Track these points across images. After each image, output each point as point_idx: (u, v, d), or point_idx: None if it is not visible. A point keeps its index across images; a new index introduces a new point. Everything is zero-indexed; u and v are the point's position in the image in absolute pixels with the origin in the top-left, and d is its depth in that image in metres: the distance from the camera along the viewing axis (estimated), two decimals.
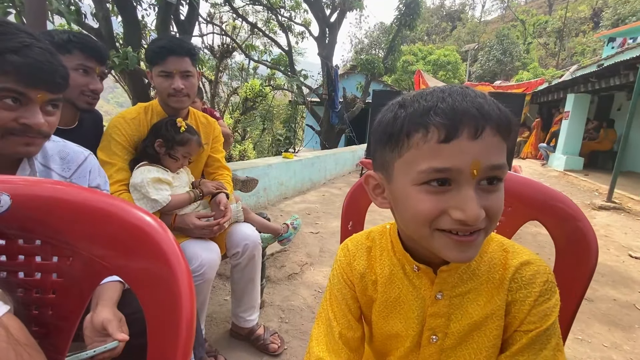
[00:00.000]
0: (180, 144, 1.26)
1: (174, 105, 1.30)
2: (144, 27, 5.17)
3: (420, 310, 0.53)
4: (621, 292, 2.23)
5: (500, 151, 0.42)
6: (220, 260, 1.26)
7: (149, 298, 0.34)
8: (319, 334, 0.58)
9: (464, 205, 0.40)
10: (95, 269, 0.36)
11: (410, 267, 0.54)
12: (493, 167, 0.41)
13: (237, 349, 1.47)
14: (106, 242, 0.36)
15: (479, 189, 0.42)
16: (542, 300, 0.47)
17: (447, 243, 0.43)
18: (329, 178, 5.90)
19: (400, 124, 0.43)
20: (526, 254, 0.51)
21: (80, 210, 0.36)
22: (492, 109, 0.41)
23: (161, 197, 1.20)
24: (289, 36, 8.66)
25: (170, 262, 0.34)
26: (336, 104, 8.10)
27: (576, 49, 23.22)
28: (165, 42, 1.24)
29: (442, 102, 0.41)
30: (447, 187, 0.42)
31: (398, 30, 9.30)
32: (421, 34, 31.52)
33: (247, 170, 3.44)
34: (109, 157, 1.22)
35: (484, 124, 0.40)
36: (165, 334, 0.32)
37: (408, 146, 0.43)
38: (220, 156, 1.57)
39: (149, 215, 0.37)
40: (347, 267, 0.59)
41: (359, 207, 0.87)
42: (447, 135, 0.40)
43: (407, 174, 0.44)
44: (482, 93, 0.42)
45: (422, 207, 0.43)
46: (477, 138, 0.40)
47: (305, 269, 2.30)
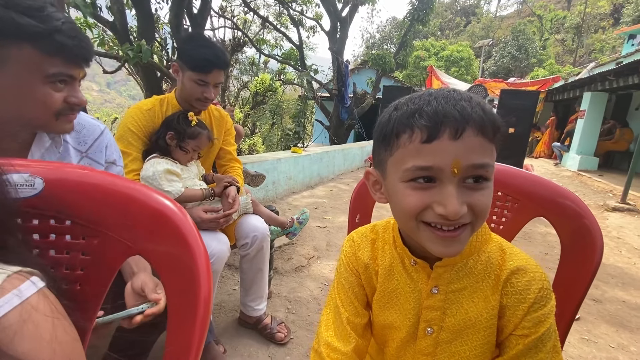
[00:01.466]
0: (191, 137, 1.29)
1: (198, 107, 1.35)
2: (157, 21, 5.23)
3: (416, 302, 0.56)
4: (631, 294, 2.20)
5: (483, 151, 0.44)
6: (229, 252, 1.29)
7: (169, 278, 0.37)
8: (327, 320, 0.61)
9: (445, 200, 0.43)
10: (120, 249, 0.39)
11: (409, 261, 0.57)
12: (475, 166, 0.43)
13: (245, 337, 1.51)
14: (130, 224, 0.39)
15: (464, 187, 0.44)
16: (537, 307, 0.49)
17: (431, 237, 0.47)
18: (338, 173, 5.92)
19: (391, 125, 0.47)
20: (522, 259, 0.53)
21: (106, 194, 0.39)
22: (475, 111, 0.43)
23: (174, 189, 1.23)
24: (300, 30, 8.65)
25: (189, 244, 0.37)
26: (346, 99, 8.08)
27: (595, 45, 22.56)
28: (211, 55, 1.24)
29: (427, 105, 0.44)
30: (431, 184, 0.45)
31: (410, 25, 9.18)
32: (434, 29, 31.00)
33: (256, 165, 3.48)
34: (125, 146, 1.26)
35: (464, 125, 0.42)
36: (184, 312, 0.34)
37: (397, 146, 0.47)
38: (232, 149, 1.60)
39: (169, 200, 0.40)
40: (352, 256, 0.62)
41: (366, 201, 0.89)
42: (429, 135, 0.43)
43: (397, 172, 0.48)
44: (468, 96, 0.45)
45: (408, 201, 0.46)
46: (458, 138, 0.42)
47: (312, 262, 2.33)
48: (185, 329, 0.34)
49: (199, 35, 1.32)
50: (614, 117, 8.35)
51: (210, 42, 1.28)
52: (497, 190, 0.76)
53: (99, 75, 6.45)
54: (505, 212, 0.75)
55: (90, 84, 68.89)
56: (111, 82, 70.84)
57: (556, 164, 8.46)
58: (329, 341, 0.58)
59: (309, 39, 9.72)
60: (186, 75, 1.28)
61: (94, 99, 60.45)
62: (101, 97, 66.39)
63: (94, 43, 4.32)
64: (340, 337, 0.58)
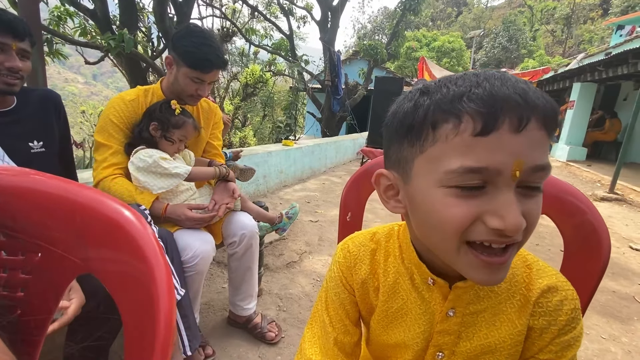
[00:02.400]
0: (176, 126, 1.23)
1: (189, 103, 1.31)
2: (141, 9, 5.04)
3: (427, 325, 0.48)
4: (621, 284, 2.22)
5: (545, 149, 0.35)
6: (214, 252, 1.24)
7: (125, 298, 0.32)
8: (312, 336, 0.55)
9: (503, 211, 0.34)
10: (66, 266, 0.33)
11: (422, 279, 0.48)
12: (537, 167, 0.35)
13: (234, 337, 1.46)
14: (77, 237, 0.33)
15: (518, 193, 0.35)
16: (567, 330, 0.43)
17: (474, 262, 0.37)
18: (330, 166, 5.87)
19: (423, 113, 0.37)
20: (551, 275, 0.46)
21: (45, 202, 0.33)
22: (538, 97, 0.34)
23: (181, 169, 1.19)
24: (291, 20, 8.48)
25: (147, 260, 0.31)
26: (340, 90, 7.99)
27: (584, 36, 22.75)
28: (212, 55, 1.20)
29: (478, 87, 0.34)
30: (480, 190, 0.35)
31: (402, 15, 9.09)
32: (426, 19, 30.83)
33: (246, 158, 3.40)
34: (106, 139, 1.20)
35: (529, 114, 0.33)
36: (142, 338, 0.29)
37: (433, 139, 0.36)
38: (218, 144, 1.54)
39: (125, 207, 0.34)
40: (347, 270, 0.54)
41: (358, 198, 0.84)
42: (485, 125, 0.33)
43: (431, 173, 0.37)
44: (524, 80, 0.36)
45: (451, 213, 0.36)
46: (521, 131, 0.33)
47: (304, 258, 2.29)
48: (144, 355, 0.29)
49: (198, 29, 1.24)
50: (602, 108, 8.46)
51: (210, 38, 1.22)
52: None
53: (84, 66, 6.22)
54: None
55: (75, 76, 67.08)
56: (97, 74, 69.05)
57: None
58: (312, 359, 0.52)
59: (299, 29, 9.52)
60: (181, 71, 1.22)
61: (79, 91, 58.93)
62: (87, 89, 64.67)
63: (74, 33, 4.14)
64: (326, 356, 0.52)
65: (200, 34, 1.22)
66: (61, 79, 62.56)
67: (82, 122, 7.30)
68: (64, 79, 63.93)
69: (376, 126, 5.65)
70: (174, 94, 1.28)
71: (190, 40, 1.19)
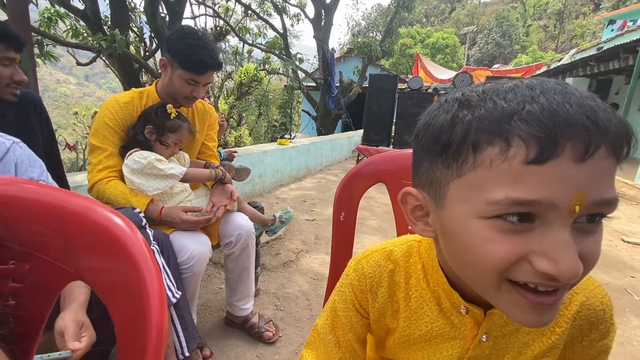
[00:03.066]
0: (172, 130, 1.23)
1: (184, 105, 1.32)
2: (132, 9, 5.00)
3: (457, 350, 0.44)
4: (613, 277, 2.25)
5: (613, 180, 0.30)
6: (210, 253, 1.24)
7: (116, 304, 0.32)
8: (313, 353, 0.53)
9: (556, 253, 0.29)
10: (57, 274, 0.33)
11: (452, 305, 0.43)
12: (603, 202, 0.29)
13: (232, 338, 1.47)
14: (66, 244, 0.33)
15: (574, 229, 0.30)
16: (605, 335, 0.43)
17: (519, 302, 0.32)
18: (325, 164, 5.87)
19: (463, 131, 0.31)
20: (589, 285, 0.43)
21: (35, 210, 0.33)
22: (609, 119, 0.28)
23: (177, 170, 1.19)
24: (284, 18, 8.44)
25: (138, 266, 0.31)
26: (333, 88, 7.98)
27: (576, 31, 22.91)
28: (207, 56, 1.20)
29: (533, 104, 0.28)
30: (529, 224, 0.30)
31: (395, 12, 9.09)
32: (419, 15, 30.84)
33: (241, 157, 3.40)
34: (101, 142, 1.19)
35: (598, 140, 0.27)
36: (133, 345, 0.29)
37: (474, 163, 0.31)
38: (213, 145, 1.54)
39: (115, 214, 0.34)
40: (361, 295, 0.49)
41: (352, 197, 0.84)
42: (541, 153, 0.27)
43: (470, 202, 0.32)
44: (589, 94, 0.30)
45: (492, 250, 0.31)
46: (586, 160, 0.27)
47: (301, 257, 2.30)
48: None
49: (192, 31, 1.24)
50: None
51: (204, 40, 1.22)
52: None
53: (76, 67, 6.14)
54: None
55: (67, 77, 66.27)
56: (89, 75, 68.23)
57: None
58: None
59: (293, 27, 9.48)
60: (176, 73, 1.22)
61: (72, 92, 58.27)
62: (80, 90, 63.96)
63: (66, 34, 4.09)
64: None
65: (194, 36, 1.21)
66: (53, 80, 61.80)
67: (75, 124, 7.23)
68: (56, 80, 63.16)
69: (371, 124, 5.65)
70: (169, 95, 1.28)
71: (185, 42, 1.19)
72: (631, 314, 1.83)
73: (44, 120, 1.24)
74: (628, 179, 4.86)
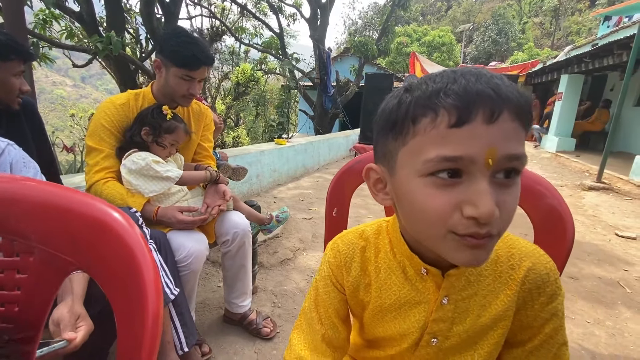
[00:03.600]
0: (168, 131, 1.25)
1: (182, 104, 1.34)
2: (128, 10, 5.00)
3: (422, 314, 0.50)
4: (606, 270, 2.29)
5: (519, 139, 0.37)
6: (207, 251, 1.26)
7: (115, 293, 0.34)
8: (301, 331, 0.56)
9: (476, 199, 0.35)
10: (59, 265, 0.36)
11: (415, 270, 0.49)
12: (511, 156, 0.36)
13: (230, 334, 1.49)
14: (68, 238, 0.35)
15: (494, 183, 0.37)
16: (553, 298, 0.47)
17: (458, 246, 0.39)
18: (323, 164, 5.90)
19: (405, 109, 0.39)
20: (534, 254, 0.49)
21: (38, 206, 0.35)
22: (511, 91, 0.36)
23: (173, 173, 1.22)
24: (280, 18, 8.44)
25: (135, 258, 0.33)
26: (329, 87, 8.00)
27: (572, 28, 22.98)
28: (198, 51, 1.22)
29: (454, 83, 0.37)
30: (457, 179, 0.37)
31: (392, 10, 9.10)
32: (416, 14, 30.88)
33: (239, 158, 3.42)
34: (97, 143, 1.21)
35: (501, 106, 0.35)
36: (132, 329, 0.31)
37: (414, 133, 0.39)
38: (209, 145, 1.56)
39: (113, 209, 0.36)
40: (337, 270, 0.55)
41: (344, 194, 0.87)
42: (459, 118, 0.35)
43: (413, 164, 0.39)
44: (499, 75, 0.38)
45: (431, 202, 0.38)
46: (494, 122, 0.35)
47: (298, 254, 2.32)
48: (134, 347, 0.31)
49: (182, 30, 1.27)
50: (590, 99, 8.59)
51: (195, 37, 1.25)
52: None
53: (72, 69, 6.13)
54: None
55: (63, 79, 65.97)
56: (86, 76, 67.94)
57: (536, 146, 8.67)
58: (301, 355, 0.53)
59: (289, 26, 9.49)
60: (171, 72, 1.24)
61: (68, 94, 57.98)
62: (76, 92, 63.67)
63: (61, 36, 4.09)
64: (314, 353, 0.53)
65: (184, 34, 1.24)
66: (49, 82, 61.51)
67: (72, 126, 7.21)
68: (52, 82, 62.86)
69: (368, 123, 5.68)
70: (166, 96, 1.30)
71: (176, 40, 1.21)
72: (623, 306, 1.86)
73: (37, 124, 1.26)
74: (622, 174, 4.90)
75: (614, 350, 1.52)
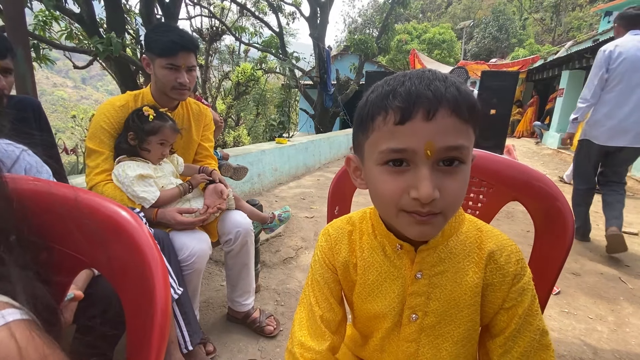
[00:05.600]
0: (151, 133, 1.21)
1: (175, 97, 1.31)
2: (128, 11, 5.00)
3: (400, 289, 0.55)
4: (608, 266, 2.29)
5: (458, 132, 0.43)
6: (210, 250, 1.27)
7: (125, 288, 0.35)
8: (301, 319, 0.60)
9: (418, 183, 0.42)
10: (71, 263, 0.37)
11: (392, 248, 0.55)
12: (448, 148, 0.42)
13: (234, 332, 1.50)
14: (79, 236, 0.36)
15: (438, 170, 0.43)
16: (519, 277, 0.51)
17: (409, 222, 0.45)
18: (324, 162, 5.90)
19: (367, 108, 0.47)
20: (499, 237, 0.54)
21: (50, 205, 0.36)
22: (449, 91, 0.42)
23: (149, 195, 1.19)
24: (279, 17, 8.43)
25: (144, 254, 0.34)
26: (329, 86, 7.99)
27: (572, 24, 22.86)
28: (176, 36, 1.21)
29: (401, 86, 0.43)
30: (405, 167, 0.44)
31: (391, 8, 9.08)
32: (416, 11, 30.75)
33: (240, 157, 3.43)
34: (98, 145, 1.22)
35: (437, 105, 0.41)
36: (141, 321, 0.32)
37: (372, 128, 0.46)
38: (209, 145, 1.57)
39: (121, 208, 0.37)
40: (328, 251, 0.60)
41: (344, 192, 0.87)
42: (402, 117, 0.42)
43: (372, 155, 0.47)
44: (443, 76, 0.44)
45: (385, 188, 0.46)
46: (431, 119, 0.41)
47: (300, 253, 2.33)
48: (144, 339, 0.32)
49: (163, 23, 1.29)
50: None
51: (174, 27, 1.27)
52: (473, 175, 0.76)
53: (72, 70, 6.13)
54: (481, 197, 0.76)
55: (64, 80, 66.05)
56: (86, 78, 68.03)
57: (537, 143, 8.65)
58: (302, 340, 0.57)
59: (289, 25, 9.49)
60: (156, 64, 1.24)
61: (69, 95, 58.09)
62: (77, 93, 63.79)
63: (60, 36, 4.10)
64: (314, 336, 0.57)
65: (163, 26, 1.27)
66: (50, 83, 61.64)
67: (73, 127, 7.23)
68: (53, 83, 63.00)
69: None
70: (160, 91, 1.30)
71: (154, 32, 1.24)
72: (625, 302, 1.87)
73: (44, 124, 1.27)
74: None
75: (616, 345, 1.53)
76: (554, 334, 1.59)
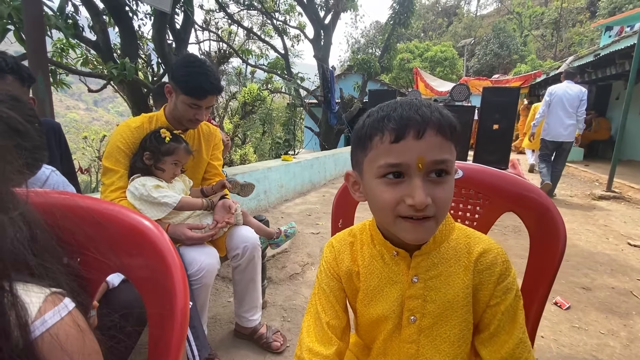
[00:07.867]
0: (167, 153, 1.28)
1: (189, 127, 1.41)
2: (141, 37, 5.25)
3: (399, 293, 0.60)
4: (619, 280, 2.25)
5: (443, 148, 0.50)
6: (219, 265, 1.30)
7: (148, 291, 0.39)
8: (308, 326, 0.64)
9: (413, 192, 0.49)
10: (99, 267, 0.41)
11: (389, 255, 0.60)
12: (436, 161, 0.50)
13: (241, 348, 1.51)
14: (109, 243, 0.41)
15: (429, 181, 0.51)
16: (504, 277, 0.56)
17: (405, 227, 0.52)
18: (329, 179, 5.95)
19: (365, 129, 0.54)
20: (485, 241, 0.60)
21: (85, 216, 0.41)
22: (434, 115, 0.50)
23: (170, 199, 1.25)
24: (285, 39, 8.73)
25: (166, 260, 0.39)
26: (333, 105, 8.15)
27: (573, 39, 23.13)
28: (207, 83, 1.27)
29: (394, 112, 0.51)
30: (401, 179, 0.51)
31: (393, 29, 9.35)
32: (417, 30, 31.52)
33: (246, 175, 3.49)
34: (113, 164, 1.28)
35: (425, 126, 0.49)
36: (162, 324, 0.36)
37: (371, 147, 0.53)
38: (218, 164, 1.62)
39: (145, 218, 0.42)
40: (333, 262, 0.66)
41: (347, 206, 0.91)
42: (397, 136, 0.50)
43: (371, 169, 0.54)
44: (428, 103, 0.53)
45: (384, 197, 0.52)
46: (421, 138, 0.49)
47: (307, 269, 2.34)
48: (164, 339, 0.36)
49: (193, 58, 1.33)
50: (595, 109, 8.56)
51: (205, 66, 1.30)
52: (469, 188, 0.80)
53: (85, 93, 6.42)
54: (478, 209, 0.79)
55: (76, 103, 68.11)
56: (98, 100, 70.16)
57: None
58: (310, 346, 0.60)
59: (293, 47, 9.81)
60: (179, 98, 1.30)
61: (81, 117, 59.73)
62: (88, 115, 65.67)
63: (76, 62, 4.32)
64: (321, 342, 0.61)
65: (195, 63, 1.30)
66: (63, 106, 63.66)
67: (85, 148, 7.44)
68: (66, 106, 65.05)
69: None
70: (176, 119, 1.37)
71: (186, 69, 1.28)
72: (637, 316, 1.83)
73: (63, 146, 1.34)
74: (633, 182, 4.84)
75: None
76: (565, 350, 1.57)
